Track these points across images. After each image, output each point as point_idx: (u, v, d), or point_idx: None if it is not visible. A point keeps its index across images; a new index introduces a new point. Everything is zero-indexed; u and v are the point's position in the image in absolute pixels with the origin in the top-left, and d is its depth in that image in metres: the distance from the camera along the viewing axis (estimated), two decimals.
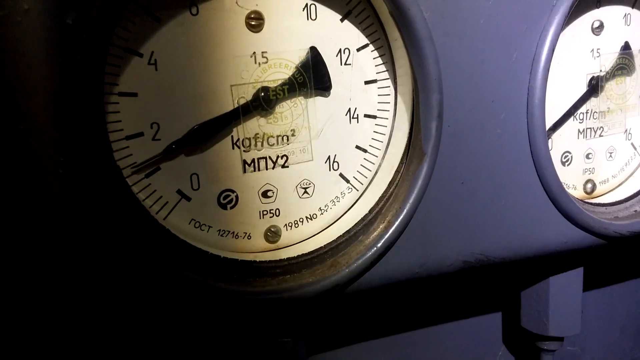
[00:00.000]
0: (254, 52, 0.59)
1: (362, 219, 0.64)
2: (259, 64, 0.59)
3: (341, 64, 0.63)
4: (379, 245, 0.60)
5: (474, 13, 0.62)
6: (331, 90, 0.62)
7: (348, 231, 0.63)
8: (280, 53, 0.60)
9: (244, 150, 0.60)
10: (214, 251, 0.58)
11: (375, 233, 0.61)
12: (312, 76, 0.61)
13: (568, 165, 0.78)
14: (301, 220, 0.65)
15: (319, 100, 0.62)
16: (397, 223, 0.60)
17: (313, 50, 0.60)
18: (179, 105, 0.56)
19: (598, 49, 0.76)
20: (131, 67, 0.54)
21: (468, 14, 0.61)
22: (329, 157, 0.65)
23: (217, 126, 0.58)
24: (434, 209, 0.63)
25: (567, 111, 0.75)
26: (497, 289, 0.95)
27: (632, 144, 0.82)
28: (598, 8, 0.75)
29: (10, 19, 0.43)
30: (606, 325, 1.07)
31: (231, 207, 0.61)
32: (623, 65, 0.77)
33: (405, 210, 0.60)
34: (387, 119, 0.67)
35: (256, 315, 0.59)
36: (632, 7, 0.77)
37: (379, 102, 0.66)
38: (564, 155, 0.78)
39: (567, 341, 1.00)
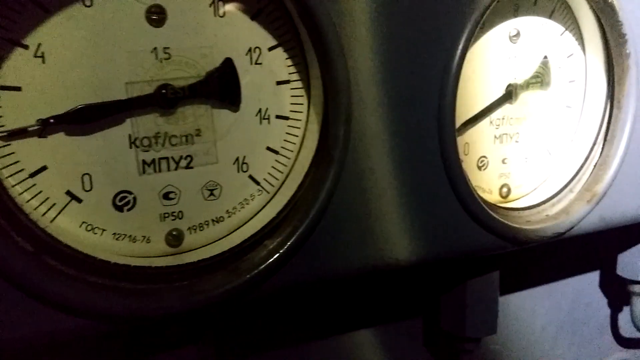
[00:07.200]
0: (155, 48, 0.56)
1: (269, 223, 0.62)
2: (160, 60, 0.56)
3: (251, 63, 0.61)
4: (282, 250, 0.58)
5: (385, 18, 0.61)
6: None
7: (254, 235, 0.61)
8: (184, 50, 0.57)
9: (142, 150, 0.57)
10: (106, 256, 0.55)
11: (280, 238, 0.59)
12: (220, 87, 0.58)
13: (484, 169, 0.80)
14: (207, 223, 0.63)
15: None
16: (302, 228, 0.59)
17: (228, 61, 0.58)
18: (68, 102, 0.53)
19: (515, 56, 0.77)
20: (14, 59, 0.50)
21: (380, 19, 0.60)
22: (237, 159, 0.63)
23: (104, 111, 0.54)
24: (342, 214, 0.62)
25: (478, 112, 0.76)
26: (418, 294, 0.96)
27: (547, 150, 0.84)
28: (515, 17, 0.76)
29: None
30: (526, 326, 1.10)
31: (128, 210, 0.58)
32: (538, 75, 0.79)
33: (310, 215, 0.59)
34: (300, 120, 0.65)
35: (150, 323, 0.57)
36: (549, 18, 0.79)
37: (291, 104, 0.65)
38: (480, 160, 0.79)
39: (490, 340, 1.03)
